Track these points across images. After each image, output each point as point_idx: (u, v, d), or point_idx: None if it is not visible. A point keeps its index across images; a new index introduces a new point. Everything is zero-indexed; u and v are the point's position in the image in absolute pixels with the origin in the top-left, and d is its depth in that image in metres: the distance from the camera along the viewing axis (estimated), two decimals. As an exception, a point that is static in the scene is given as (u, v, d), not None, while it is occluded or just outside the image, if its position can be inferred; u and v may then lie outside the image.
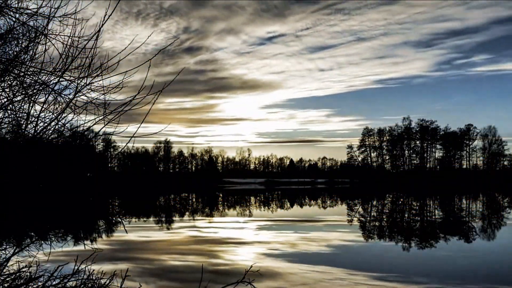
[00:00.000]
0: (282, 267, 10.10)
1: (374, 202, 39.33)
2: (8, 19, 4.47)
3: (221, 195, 54.98)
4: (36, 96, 4.58)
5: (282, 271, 9.71)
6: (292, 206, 34.60)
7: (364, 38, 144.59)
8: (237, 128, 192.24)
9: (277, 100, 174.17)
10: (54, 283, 5.15)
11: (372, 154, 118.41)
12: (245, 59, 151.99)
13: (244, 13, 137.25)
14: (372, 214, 27.16)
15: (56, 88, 4.50)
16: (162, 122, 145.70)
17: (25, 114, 4.60)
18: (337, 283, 8.64)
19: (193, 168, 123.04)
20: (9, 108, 4.59)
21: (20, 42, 4.68)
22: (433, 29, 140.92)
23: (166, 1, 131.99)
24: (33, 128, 4.53)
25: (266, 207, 32.76)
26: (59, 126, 4.57)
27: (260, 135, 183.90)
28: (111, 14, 4.07)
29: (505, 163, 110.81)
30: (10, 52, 4.69)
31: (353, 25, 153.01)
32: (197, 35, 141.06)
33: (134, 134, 4.33)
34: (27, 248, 5.97)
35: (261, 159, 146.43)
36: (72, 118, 4.56)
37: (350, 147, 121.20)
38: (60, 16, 4.41)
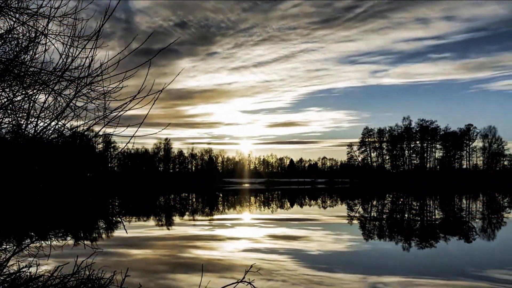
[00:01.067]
0: (279, 264, 10.12)
1: (374, 202, 39.33)
2: (8, 19, 4.47)
3: (221, 195, 54.98)
4: (36, 96, 4.58)
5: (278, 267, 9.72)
6: (292, 206, 34.60)
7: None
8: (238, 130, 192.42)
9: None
10: (54, 283, 5.15)
11: (372, 154, 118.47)
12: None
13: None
14: (372, 214, 27.16)
15: (56, 88, 4.50)
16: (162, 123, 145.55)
17: (25, 114, 4.60)
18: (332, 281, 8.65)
19: (193, 168, 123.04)
20: (9, 108, 4.59)
21: (20, 42, 4.68)
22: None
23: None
24: (33, 128, 4.53)
25: (267, 207, 32.76)
26: (59, 126, 4.57)
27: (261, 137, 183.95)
28: (111, 14, 4.07)
29: (505, 163, 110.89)
30: (10, 52, 4.69)
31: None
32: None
33: (134, 134, 4.33)
34: (27, 248, 5.96)
35: (261, 159, 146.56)
36: (72, 118, 4.56)
37: (350, 147, 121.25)
38: (60, 16, 4.41)
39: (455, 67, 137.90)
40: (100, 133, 4.66)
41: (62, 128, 4.59)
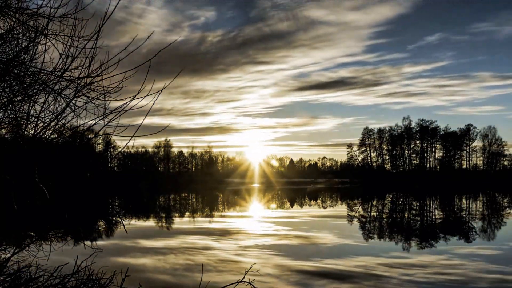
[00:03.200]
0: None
1: (374, 202, 39.32)
2: (8, 19, 4.47)
3: (221, 195, 54.97)
4: (36, 96, 4.58)
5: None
6: (292, 205, 34.60)
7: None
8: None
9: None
10: (54, 283, 5.15)
11: (372, 154, 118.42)
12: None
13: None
14: (372, 214, 27.16)
15: (56, 88, 4.50)
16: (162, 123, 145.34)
17: (25, 114, 4.60)
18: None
19: (193, 168, 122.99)
20: (9, 108, 4.59)
21: (20, 42, 4.68)
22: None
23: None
24: (33, 128, 4.52)
25: (268, 206, 32.76)
26: (59, 126, 4.57)
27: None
28: (111, 14, 4.07)
29: (505, 163, 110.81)
30: (10, 52, 4.69)
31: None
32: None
33: (134, 134, 4.33)
34: (27, 248, 5.96)
35: (261, 159, 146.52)
36: (72, 118, 4.56)
37: (350, 146, 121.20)
38: (60, 16, 4.41)
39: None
40: (100, 133, 4.66)
41: (62, 128, 4.59)
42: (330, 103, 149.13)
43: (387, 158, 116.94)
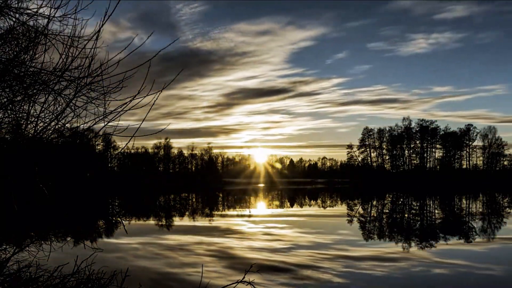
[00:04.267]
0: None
1: (374, 202, 39.32)
2: (8, 19, 4.47)
3: (221, 195, 54.95)
4: (36, 96, 4.57)
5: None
6: (292, 205, 34.60)
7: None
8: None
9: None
10: (54, 283, 5.15)
11: (372, 154, 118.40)
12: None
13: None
14: (372, 214, 27.16)
15: (56, 88, 4.50)
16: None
17: (25, 114, 4.60)
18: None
19: (193, 168, 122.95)
20: (9, 108, 4.59)
21: (20, 42, 4.67)
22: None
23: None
24: (33, 128, 4.52)
25: (270, 205, 32.77)
26: (59, 126, 4.57)
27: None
28: (111, 14, 4.06)
29: (505, 163, 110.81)
30: (10, 52, 4.68)
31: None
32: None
33: (134, 134, 4.32)
34: (27, 248, 5.96)
35: (261, 159, 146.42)
36: (72, 118, 4.55)
37: (350, 147, 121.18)
38: (60, 16, 4.41)
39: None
40: (100, 133, 4.66)
41: (62, 128, 4.59)
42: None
43: (387, 158, 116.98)
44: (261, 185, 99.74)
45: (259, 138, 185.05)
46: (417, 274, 9.67)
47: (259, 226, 19.38)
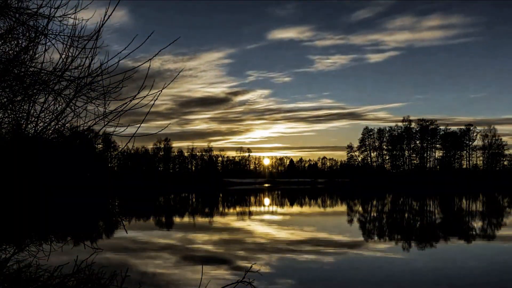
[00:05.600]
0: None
1: (374, 202, 39.32)
2: (8, 19, 4.46)
3: (221, 195, 54.95)
4: (36, 96, 4.57)
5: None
6: (292, 205, 34.62)
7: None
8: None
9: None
10: (54, 283, 5.15)
11: (372, 154, 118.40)
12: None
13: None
14: (372, 214, 27.16)
15: (56, 88, 4.49)
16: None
17: (25, 114, 4.59)
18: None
19: (193, 168, 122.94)
20: (9, 108, 4.59)
21: (20, 42, 4.67)
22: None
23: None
24: (33, 128, 4.52)
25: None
26: (59, 126, 4.56)
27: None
28: (111, 14, 4.06)
29: (505, 163, 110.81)
30: (10, 52, 4.68)
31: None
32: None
33: (134, 134, 4.32)
34: (27, 248, 5.95)
35: (261, 159, 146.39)
36: (72, 118, 4.55)
37: (350, 147, 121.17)
38: (60, 16, 4.40)
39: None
40: (100, 133, 4.66)
41: (62, 128, 4.58)
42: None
43: (387, 158, 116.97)
44: (262, 185, 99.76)
45: (258, 140, 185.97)
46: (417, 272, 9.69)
47: (261, 226, 19.39)
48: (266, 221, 21.48)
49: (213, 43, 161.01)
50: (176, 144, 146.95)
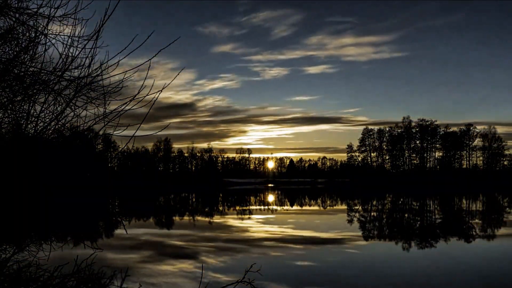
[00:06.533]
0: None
1: (374, 202, 39.33)
2: (8, 19, 4.47)
3: (221, 195, 54.97)
4: (36, 96, 4.57)
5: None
6: (292, 205, 34.62)
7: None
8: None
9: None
10: (54, 283, 5.15)
11: (372, 154, 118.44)
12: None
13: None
14: (373, 214, 27.17)
15: (56, 88, 4.50)
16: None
17: (25, 114, 4.60)
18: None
19: (193, 168, 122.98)
20: (9, 108, 4.59)
21: (20, 42, 4.67)
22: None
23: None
24: (33, 128, 4.52)
25: (269, 206, 32.80)
26: (59, 126, 4.57)
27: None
28: (111, 14, 4.06)
29: (505, 163, 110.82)
30: (10, 52, 4.68)
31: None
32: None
33: (134, 134, 4.32)
34: (27, 248, 5.96)
35: (261, 159, 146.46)
36: (72, 118, 4.55)
37: (350, 147, 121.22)
38: (60, 16, 4.40)
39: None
40: (100, 133, 4.67)
41: (62, 128, 4.59)
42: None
43: (387, 158, 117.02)
44: (262, 185, 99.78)
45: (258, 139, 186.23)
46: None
47: (262, 226, 19.40)
48: (266, 222, 21.49)
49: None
50: (176, 145, 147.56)
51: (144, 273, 9.54)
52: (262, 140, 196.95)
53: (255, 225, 19.88)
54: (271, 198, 47.54)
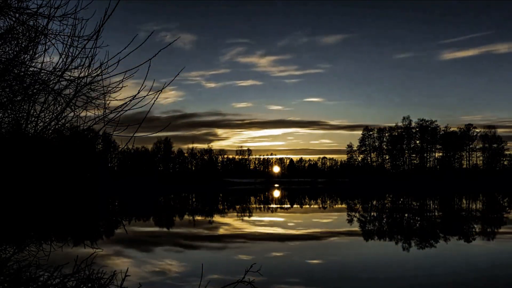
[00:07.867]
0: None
1: (374, 202, 39.33)
2: (8, 19, 4.46)
3: (221, 195, 54.96)
4: (36, 96, 4.57)
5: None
6: (292, 205, 34.63)
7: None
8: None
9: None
10: (54, 283, 5.14)
11: (372, 154, 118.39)
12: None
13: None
14: (372, 214, 27.17)
15: (56, 88, 4.49)
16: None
17: (25, 114, 4.59)
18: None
19: (193, 168, 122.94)
20: (9, 108, 4.59)
21: (20, 42, 4.67)
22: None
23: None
24: (33, 128, 4.52)
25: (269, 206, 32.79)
26: (59, 126, 4.56)
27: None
28: (111, 14, 4.06)
29: (505, 163, 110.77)
30: (10, 52, 4.68)
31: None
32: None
33: (134, 134, 4.32)
34: (27, 248, 5.96)
35: (261, 159, 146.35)
36: (72, 118, 4.55)
37: (350, 147, 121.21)
38: (60, 16, 4.40)
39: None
40: (100, 133, 4.66)
41: (62, 128, 4.58)
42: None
43: (387, 158, 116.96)
44: (261, 185, 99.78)
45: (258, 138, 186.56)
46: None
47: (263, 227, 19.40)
48: (267, 221, 21.50)
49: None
50: (176, 146, 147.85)
51: (144, 273, 9.54)
52: (262, 140, 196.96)
53: (255, 225, 19.89)
54: (271, 198, 47.56)
